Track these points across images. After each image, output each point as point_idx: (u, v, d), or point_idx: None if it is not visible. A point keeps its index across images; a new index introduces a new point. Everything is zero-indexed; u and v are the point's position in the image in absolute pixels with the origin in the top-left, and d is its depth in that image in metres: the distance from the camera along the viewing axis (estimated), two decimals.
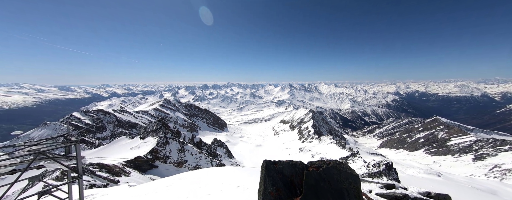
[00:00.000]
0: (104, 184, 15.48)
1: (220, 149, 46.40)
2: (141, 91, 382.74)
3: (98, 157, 23.32)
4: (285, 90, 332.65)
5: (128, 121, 59.25)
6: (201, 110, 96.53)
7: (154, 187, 4.32)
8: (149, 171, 24.74)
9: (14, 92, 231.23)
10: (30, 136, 44.17)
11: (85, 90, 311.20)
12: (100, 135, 48.87)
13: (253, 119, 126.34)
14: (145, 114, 70.95)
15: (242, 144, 68.15)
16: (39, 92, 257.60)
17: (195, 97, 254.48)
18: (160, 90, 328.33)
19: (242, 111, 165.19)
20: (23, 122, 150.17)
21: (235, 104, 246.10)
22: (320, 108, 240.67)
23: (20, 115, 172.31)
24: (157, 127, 37.82)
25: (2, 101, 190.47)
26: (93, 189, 9.75)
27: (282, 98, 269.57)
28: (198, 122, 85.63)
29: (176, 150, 29.79)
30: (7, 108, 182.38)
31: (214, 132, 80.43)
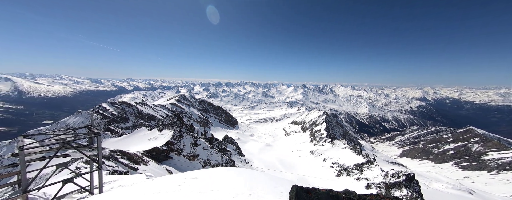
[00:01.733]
0: (125, 170, 16.64)
1: (230, 146, 47.13)
2: (160, 86, 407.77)
3: (121, 145, 25.31)
4: (298, 90, 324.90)
5: (147, 113, 63.44)
6: (214, 107, 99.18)
7: (166, 185, 4.23)
8: (165, 161, 26.08)
9: (56, 83, 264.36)
10: (66, 122, 49.95)
11: (113, 83, 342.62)
12: (123, 125, 53.20)
13: (264, 118, 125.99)
14: (163, 108, 75.21)
15: (252, 142, 68.44)
16: (75, 83, 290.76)
17: (209, 94, 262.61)
18: (177, 86, 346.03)
19: (254, 110, 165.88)
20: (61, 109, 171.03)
21: (247, 102, 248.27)
22: (335, 111, 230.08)
23: (60, 103, 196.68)
24: (173, 121, 39.74)
25: (46, 90, 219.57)
26: (115, 175, 10.41)
27: (295, 99, 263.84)
28: (211, 118, 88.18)
29: (189, 144, 30.95)
30: (50, 96, 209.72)
31: (225, 129, 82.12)
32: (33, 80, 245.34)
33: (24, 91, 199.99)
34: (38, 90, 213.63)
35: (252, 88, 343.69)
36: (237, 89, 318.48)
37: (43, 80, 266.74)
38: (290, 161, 50.77)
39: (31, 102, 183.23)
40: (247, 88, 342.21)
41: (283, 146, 68.85)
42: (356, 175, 35.08)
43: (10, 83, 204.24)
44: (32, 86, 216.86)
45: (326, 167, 42.70)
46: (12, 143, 34.57)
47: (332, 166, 41.98)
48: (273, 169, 39.84)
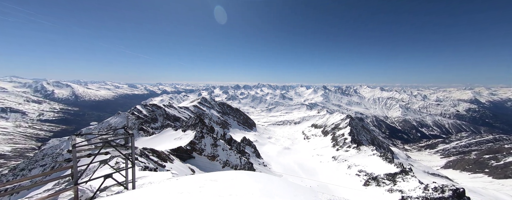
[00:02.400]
0: (155, 167, 18.26)
1: (248, 148, 47.48)
2: (184, 89, 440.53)
3: (151, 143, 28.01)
4: (318, 92, 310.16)
5: (173, 115, 68.96)
6: (233, 109, 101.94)
7: (188, 186, 4.38)
8: (188, 160, 27.74)
9: (102, 88, 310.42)
10: (109, 122, 57.88)
11: (145, 87, 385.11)
12: (153, 125, 58.93)
13: (282, 121, 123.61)
14: (186, 109, 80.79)
15: (270, 145, 67.67)
16: (116, 88, 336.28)
17: (228, 96, 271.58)
18: (199, 89, 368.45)
19: (271, 112, 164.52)
20: (105, 110, 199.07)
21: (264, 104, 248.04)
22: (361, 114, 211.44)
23: (104, 105, 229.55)
24: (195, 122, 42.23)
25: (95, 95, 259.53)
26: (146, 171, 11.45)
27: (315, 101, 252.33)
28: (230, 120, 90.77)
29: (209, 145, 32.31)
30: (97, 99, 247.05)
31: (243, 130, 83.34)
32: (85, 86, 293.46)
33: (79, 95, 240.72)
34: (89, 94, 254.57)
35: (269, 90, 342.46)
36: (254, 92, 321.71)
37: (93, 85, 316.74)
38: (311, 166, 48.29)
39: (84, 105, 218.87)
40: (265, 90, 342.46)
41: (302, 150, 66.15)
42: (387, 186, 31.21)
43: (70, 89, 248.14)
44: (85, 91, 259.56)
45: (352, 175, 39.19)
46: (69, 140, 41.61)
47: (359, 175, 38.32)
48: (292, 174, 38.45)
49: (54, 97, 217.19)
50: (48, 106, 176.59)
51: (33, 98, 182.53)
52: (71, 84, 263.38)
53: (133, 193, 4.38)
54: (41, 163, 33.50)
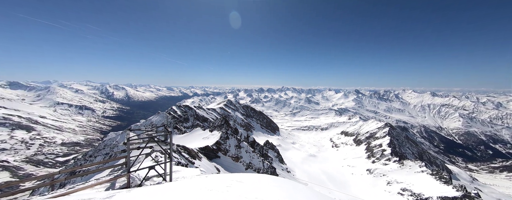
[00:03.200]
0: (186, 163, 20.05)
1: (271, 152, 46.79)
2: (212, 92, 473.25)
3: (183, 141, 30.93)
4: (349, 96, 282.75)
5: (202, 116, 74.63)
6: (256, 112, 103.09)
7: (216, 184, 4.60)
8: (214, 159, 29.33)
9: (147, 90, 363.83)
10: (151, 120, 67.08)
11: (180, 90, 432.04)
12: (185, 124, 65.15)
13: (307, 126, 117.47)
14: (213, 111, 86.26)
15: (294, 151, 64.98)
16: (157, 90, 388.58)
17: (252, 100, 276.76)
18: (225, 92, 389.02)
19: (295, 117, 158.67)
20: (149, 110, 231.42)
21: (288, 108, 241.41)
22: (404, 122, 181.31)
23: (148, 105, 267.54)
24: (221, 123, 44.54)
25: (142, 96, 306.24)
26: (179, 166, 12.67)
27: (345, 106, 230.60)
28: (253, 123, 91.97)
29: (234, 146, 33.39)
30: (143, 100, 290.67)
31: (266, 134, 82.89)
32: (135, 89, 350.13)
33: (130, 96, 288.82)
34: (137, 96, 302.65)
35: (294, 93, 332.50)
36: (278, 95, 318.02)
37: (140, 88, 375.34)
38: (340, 177, 43.81)
39: (134, 104, 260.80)
40: (289, 93, 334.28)
41: (330, 158, 60.89)
42: None
43: (124, 91, 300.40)
44: (134, 93, 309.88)
45: (392, 194, 33.58)
46: (123, 134, 50.05)
47: (402, 194, 32.52)
48: (318, 183, 35.67)
49: (113, 98, 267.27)
50: (109, 105, 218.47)
51: (99, 98, 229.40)
52: (125, 87, 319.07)
53: (171, 185, 4.90)
54: (103, 152, 41.23)
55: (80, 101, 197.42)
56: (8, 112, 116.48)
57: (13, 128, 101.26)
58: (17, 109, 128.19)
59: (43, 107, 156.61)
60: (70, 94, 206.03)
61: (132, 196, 3.46)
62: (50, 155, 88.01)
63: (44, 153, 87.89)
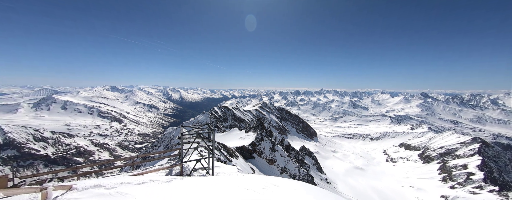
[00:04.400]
0: (224, 160, 21.76)
1: (308, 158, 43.68)
2: (248, 94, 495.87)
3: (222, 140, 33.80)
4: (411, 101, 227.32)
5: (239, 117, 79.21)
6: (291, 115, 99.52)
7: (253, 184, 4.67)
8: (249, 159, 30.35)
9: (195, 93, 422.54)
10: (198, 119, 77.29)
11: (220, 92, 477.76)
12: (224, 124, 71.12)
13: (352, 133, 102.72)
14: (249, 113, 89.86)
15: (335, 160, 58.09)
16: (203, 93, 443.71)
17: (287, 102, 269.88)
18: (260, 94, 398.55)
19: (337, 122, 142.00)
20: (196, 109, 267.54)
21: (328, 113, 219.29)
22: (509, 138, 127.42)
23: (195, 105, 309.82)
24: (256, 125, 45.70)
25: (191, 97, 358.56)
26: (219, 163, 13.84)
27: (406, 113, 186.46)
28: (288, 126, 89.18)
29: (268, 148, 33.41)
30: (192, 101, 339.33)
31: (302, 139, 78.33)
32: (186, 91, 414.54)
33: (183, 98, 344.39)
34: (188, 97, 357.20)
35: (335, 96, 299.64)
36: (316, 98, 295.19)
37: (190, 91, 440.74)
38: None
39: (185, 105, 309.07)
40: (329, 96, 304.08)
41: (384, 175, 50.47)
42: None
43: (178, 93, 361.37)
44: (186, 95, 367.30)
45: None
46: (177, 129, 59.99)
47: None
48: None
49: (171, 99, 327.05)
50: (168, 105, 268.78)
51: (162, 99, 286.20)
52: (179, 90, 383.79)
53: (213, 179, 5.40)
54: (164, 143, 50.69)
55: (150, 101, 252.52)
56: (109, 108, 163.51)
57: (111, 120, 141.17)
58: (114, 106, 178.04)
59: (128, 105, 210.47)
60: (144, 96, 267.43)
61: (184, 183, 4.04)
62: (131, 142, 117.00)
63: (128, 140, 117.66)
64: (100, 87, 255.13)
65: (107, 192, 3.37)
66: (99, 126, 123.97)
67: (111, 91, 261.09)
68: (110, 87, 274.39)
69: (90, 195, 3.26)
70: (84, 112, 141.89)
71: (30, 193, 3.07)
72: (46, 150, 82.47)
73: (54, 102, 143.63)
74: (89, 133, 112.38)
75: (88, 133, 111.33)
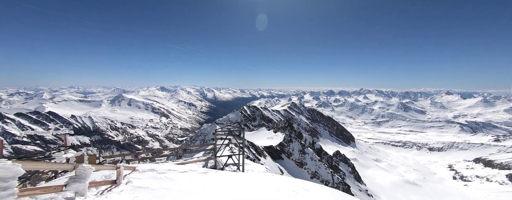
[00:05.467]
0: (253, 158, 22.34)
1: (343, 165, 39.46)
2: (277, 94, 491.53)
3: (251, 138, 34.75)
4: (496, 104, 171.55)
5: (267, 116, 79.50)
6: (324, 117, 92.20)
7: (283, 186, 4.58)
8: (277, 160, 30.05)
9: (226, 92, 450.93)
10: (229, 117, 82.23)
11: (249, 92, 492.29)
12: (253, 123, 72.92)
13: (401, 141, 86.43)
14: (277, 113, 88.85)
15: (378, 170, 50.28)
16: (234, 92, 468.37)
17: (319, 103, 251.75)
18: (289, 94, 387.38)
19: (381, 127, 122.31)
20: (227, 108, 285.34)
21: (370, 115, 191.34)
22: None
23: (227, 104, 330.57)
24: (285, 125, 44.68)
25: (223, 97, 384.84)
26: (248, 160, 14.29)
27: (487, 119, 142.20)
28: (320, 128, 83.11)
29: (297, 150, 32.12)
30: (224, 100, 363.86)
31: (336, 143, 71.40)
32: (219, 91, 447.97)
33: (216, 97, 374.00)
34: (221, 96, 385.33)
35: (379, 97, 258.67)
36: (354, 99, 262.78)
37: (222, 90, 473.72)
38: None
39: (218, 103, 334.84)
40: (371, 97, 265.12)
41: (449, 195, 40.17)
42: None
43: (213, 93, 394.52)
44: (219, 94, 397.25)
45: None
46: (211, 126, 65.60)
47: None
48: None
49: (206, 98, 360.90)
50: (204, 103, 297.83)
51: (199, 98, 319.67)
52: (213, 89, 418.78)
53: (244, 175, 5.61)
54: (200, 138, 56.40)
55: (189, 100, 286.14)
56: (159, 105, 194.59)
57: (161, 115, 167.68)
58: (163, 103, 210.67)
59: (173, 103, 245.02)
60: (185, 95, 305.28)
61: (218, 176, 4.36)
62: (175, 135, 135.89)
63: (172, 134, 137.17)
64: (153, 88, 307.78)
65: (159, 176, 4.03)
66: (152, 120, 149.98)
67: (160, 90, 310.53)
68: (160, 87, 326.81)
69: (147, 177, 3.97)
70: (142, 108, 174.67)
71: (109, 170, 4.00)
72: (117, 137, 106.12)
73: (123, 100, 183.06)
74: (145, 125, 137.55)
75: (144, 125, 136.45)
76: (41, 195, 2.58)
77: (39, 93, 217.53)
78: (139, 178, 3.88)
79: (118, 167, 3.76)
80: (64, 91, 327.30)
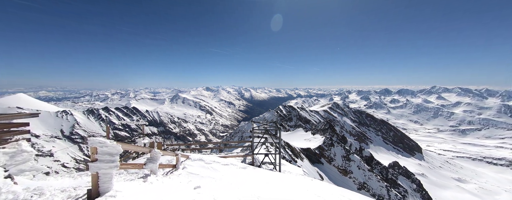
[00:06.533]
0: (289, 159, 21.78)
1: (404, 180, 31.97)
2: (316, 93, 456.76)
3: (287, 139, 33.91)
4: None
5: (304, 117, 75.25)
6: (375, 120, 77.76)
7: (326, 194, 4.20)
8: (316, 164, 27.96)
9: (262, 92, 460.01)
10: (265, 116, 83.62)
11: (285, 92, 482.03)
12: (289, 123, 70.95)
13: (506, 158, 61.39)
14: (316, 113, 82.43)
15: (462, 193, 37.69)
16: (269, 92, 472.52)
17: (369, 104, 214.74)
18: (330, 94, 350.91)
19: (467, 136, 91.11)
20: (263, 107, 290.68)
21: (447, 121, 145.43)
22: None
23: (263, 104, 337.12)
24: (325, 127, 40.81)
25: (259, 96, 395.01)
26: (283, 161, 14.03)
27: None
28: (370, 133, 70.79)
29: (340, 156, 28.68)
30: (260, 100, 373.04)
31: (393, 152, 58.66)
32: (255, 90, 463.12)
33: (253, 96, 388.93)
34: (257, 96, 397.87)
35: (464, 97, 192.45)
36: (421, 99, 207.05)
37: (259, 90, 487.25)
38: None
39: (255, 103, 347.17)
40: (450, 97, 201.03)
41: None
42: None
43: (249, 92, 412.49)
44: (255, 94, 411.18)
45: None
46: (248, 124, 68.80)
47: None
48: None
49: (244, 97, 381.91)
50: (241, 102, 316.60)
51: (237, 97, 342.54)
52: (250, 89, 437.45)
53: (282, 176, 5.55)
54: (239, 135, 60.29)
55: (229, 99, 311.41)
56: (205, 103, 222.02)
57: (206, 112, 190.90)
58: (208, 102, 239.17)
59: (215, 102, 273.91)
60: (225, 94, 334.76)
61: (256, 172, 4.51)
62: (217, 130, 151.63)
63: (215, 129, 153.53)
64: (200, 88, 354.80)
65: (206, 166, 4.60)
66: (199, 116, 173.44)
67: (206, 90, 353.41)
68: (205, 88, 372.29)
69: (197, 165, 4.62)
70: (192, 106, 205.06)
71: (171, 156, 4.92)
72: (175, 130, 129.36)
73: (178, 98, 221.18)
74: (194, 120, 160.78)
75: (193, 121, 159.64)
76: (130, 169, 3.49)
77: (127, 93, 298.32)
78: (191, 165, 4.57)
79: (177, 154, 4.58)
80: (142, 91, 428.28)
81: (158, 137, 7.60)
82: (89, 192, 2.23)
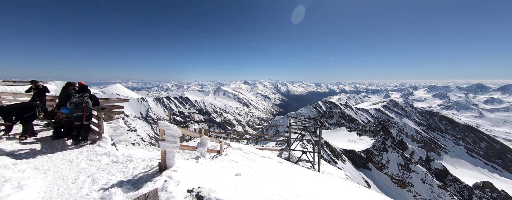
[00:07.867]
0: (328, 160, 20.16)
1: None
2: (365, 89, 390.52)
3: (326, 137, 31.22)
4: None
5: (349, 115, 66.42)
6: (456, 125, 58.65)
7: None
8: (361, 169, 24.60)
9: (300, 86, 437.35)
10: (302, 112, 79.92)
11: (326, 86, 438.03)
12: (329, 121, 64.79)
13: None
14: (364, 112, 70.93)
15: None
16: (307, 86, 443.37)
17: (446, 103, 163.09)
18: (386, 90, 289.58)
19: None
20: (300, 102, 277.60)
21: None
22: None
23: (300, 98, 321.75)
24: (376, 128, 34.63)
25: (296, 91, 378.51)
26: (322, 161, 13.11)
27: None
28: (445, 141, 54.50)
29: (396, 164, 23.86)
30: (297, 94, 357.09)
31: (485, 170, 43.07)
32: (292, 85, 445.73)
33: (289, 91, 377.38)
34: (294, 90, 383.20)
35: None
36: None
37: (296, 84, 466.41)
38: None
39: (291, 97, 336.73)
40: None
41: None
42: None
43: (286, 87, 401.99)
44: (292, 88, 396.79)
45: None
46: (283, 118, 67.96)
47: None
48: None
49: (280, 91, 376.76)
50: (277, 97, 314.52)
51: (273, 91, 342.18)
52: (287, 83, 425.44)
53: (320, 176, 5.19)
54: (274, 129, 60.92)
55: (265, 92, 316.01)
56: (243, 96, 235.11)
57: (243, 105, 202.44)
58: (245, 95, 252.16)
59: (252, 95, 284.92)
60: (261, 88, 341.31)
61: (293, 169, 4.40)
62: (253, 122, 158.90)
63: (251, 121, 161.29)
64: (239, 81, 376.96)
65: (245, 155, 4.89)
66: (237, 108, 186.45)
67: (244, 84, 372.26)
68: (243, 81, 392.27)
69: (237, 154, 4.99)
70: (231, 98, 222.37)
71: (215, 142, 5.53)
72: (217, 119, 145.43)
73: (220, 91, 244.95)
74: (233, 111, 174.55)
75: (232, 112, 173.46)
76: (186, 150, 4.18)
77: (182, 85, 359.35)
78: (232, 153, 4.99)
79: (220, 141, 5.10)
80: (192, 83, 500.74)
81: (204, 124, 8.73)
82: (159, 164, 2.84)
